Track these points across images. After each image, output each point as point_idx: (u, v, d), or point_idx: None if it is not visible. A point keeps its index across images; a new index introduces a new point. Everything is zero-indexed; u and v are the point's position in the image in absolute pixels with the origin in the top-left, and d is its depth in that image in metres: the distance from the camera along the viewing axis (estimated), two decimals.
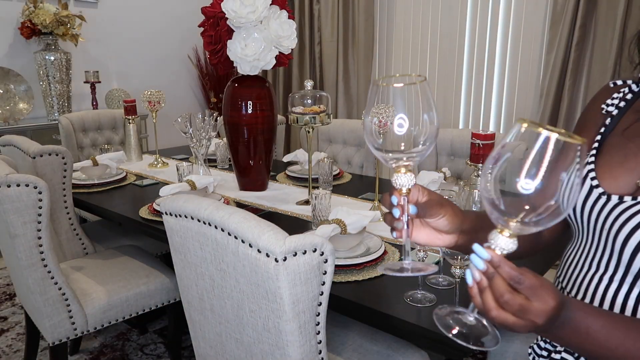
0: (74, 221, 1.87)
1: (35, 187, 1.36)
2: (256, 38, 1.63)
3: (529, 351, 0.87)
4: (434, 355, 1.20)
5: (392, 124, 0.59)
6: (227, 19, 1.63)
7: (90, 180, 1.98)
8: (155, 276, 1.70)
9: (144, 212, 1.59)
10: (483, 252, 0.55)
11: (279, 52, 1.70)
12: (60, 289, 1.46)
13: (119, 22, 3.79)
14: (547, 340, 0.84)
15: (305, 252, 0.84)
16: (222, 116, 1.87)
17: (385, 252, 1.24)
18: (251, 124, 1.78)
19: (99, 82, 3.50)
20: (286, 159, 2.16)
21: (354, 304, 1.04)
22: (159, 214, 1.54)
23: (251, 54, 1.64)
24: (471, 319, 0.59)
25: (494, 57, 3.23)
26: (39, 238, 1.41)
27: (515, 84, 3.17)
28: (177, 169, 1.74)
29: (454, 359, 1.07)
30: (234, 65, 1.72)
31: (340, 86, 3.93)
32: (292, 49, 1.73)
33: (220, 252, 0.92)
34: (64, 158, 1.77)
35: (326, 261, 0.87)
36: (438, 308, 0.63)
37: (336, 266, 1.03)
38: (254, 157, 1.82)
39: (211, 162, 2.32)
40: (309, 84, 1.61)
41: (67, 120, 2.61)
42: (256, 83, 1.78)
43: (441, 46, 3.46)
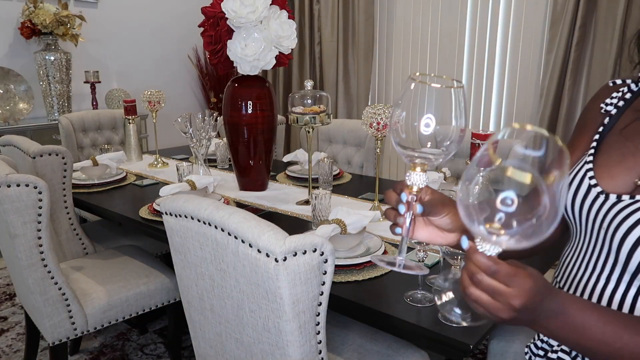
0: (74, 221, 1.87)
1: (35, 187, 1.36)
2: (256, 38, 1.63)
3: (526, 350, 0.87)
4: (434, 355, 1.20)
5: (418, 123, 0.60)
6: (227, 19, 1.63)
7: (90, 180, 1.98)
8: (155, 276, 1.70)
9: (144, 212, 1.59)
10: (464, 242, 0.57)
11: (279, 52, 1.70)
12: (60, 289, 1.46)
13: (119, 22, 3.79)
14: (543, 339, 0.84)
15: (305, 252, 0.84)
16: (222, 116, 1.87)
17: (385, 252, 1.24)
18: (251, 124, 1.78)
19: (99, 82, 3.50)
20: (286, 159, 2.16)
21: (354, 304, 1.04)
22: (159, 214, 1.54)
23: (251, 54, 1.64)
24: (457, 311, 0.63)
25: (494, 57, 3.23)
26: (39, 238, 1.41)
27: (515, 84, 3.17)
28: (177, 169, 1.74)
29: (454, 359, 1.07)
30: (234, 65, 1.72)
31: (340, 86, 3.93)
32: (292, 49, 1.73)
33: (220, 252, 0.92)
34: (64, 158, 1.77)
35: (326, 261, 0.87)
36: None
37: (336, 266, 1.03)
38: (254, 157, 1.82)
39: (211, 162, 2.33)
40: (309, 84, 1.61)
41: (67, 120, 2.61)
42: (256, 83, 1.78)
43: (441, 46, 3.46)
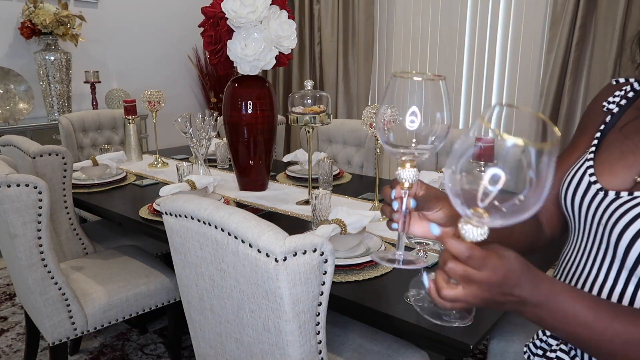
0: (74, 221, 1.87)
1: (35, 187, 1.36)
2: (256, 38, 1.63)
3: (524, 350, 0.87)
4: (434, 355, 1.20)
5: (403, 118, 0.60)
6: (227, 19, 1.63)
7: (90, 180, 1.98)
8: (155, 276, 1.70)
9: (144, 212, 1.59)
10: (434, 229, 0.58)
11: (279, 52, 1.70)
12: (60, 289, 1.46)
13: (119, 22, 3.79)
14: (542, 339, 0.84)
15: (305, 252, 0.84)
16: (222, 116, 1.87)
17: (386, 249, 1.24)
18: (251, 124, 1.78)
19: (99, 82, 3.50)
20: (286, 159, 2.16)
21: (354, 304, 1.04)
22: (159, 214, 1.54)
23: (251, 54, 1.64)
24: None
25: (494, 57, 3.23)
26: (39, 238, 1.41)
27: (515, 84, 3.17)
28: (177, 169, 1.74)
29: (454, 359, 1.07)
30: (234, 65, 1.72)
31: (340, 86, 3.93)
32: (292, 49, 1.73)
33: (220, 252, 0.92)
34: (64, 158, 1.77)
35: (326, 261, 0.87)
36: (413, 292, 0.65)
37: (336, 266, 1.03)
38: (254, 157, 1.82)
39: (211, 162, 2.32)
40: (309, 84, 1.61)
41: (67, 120, 2.61)
42: (256, 83, 1.78)
43: (441, 46, 3.46)
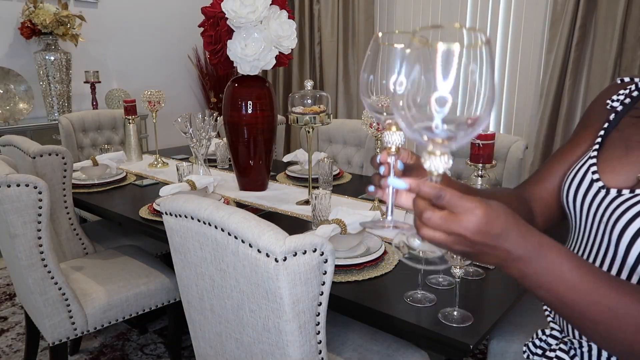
0: (74, 221, 1.87)
1: (35, 187, 1.36)
2: (256, 38, 1.63)
3: (524, 349, 0.87)
4: (434, 355, 1.20)
5: (387, 80, 0.60)
6: (227, 19, 1.63)
7: (90, 180, 1.98)
8: (155, 276, 1.70)
9: (144, 212, 1.59)
10: (400, 183, 0.56)
11: (279, 52, 1.70)
12: (60, 289, 1.46)
13: (119, 22, 3.79)
14: (542, 338, 0.84)
15: (305, 252, 0.84)
16: (222, 116, 1.87)
17: (385, 252, 1.24)
18: (251, 124, 1.78)
19: (99, 82, 3.50)
20: (286, 159, 2.16)
21: (354, 304, 1.04)
22: (159, 214, 1.54)
23: (251, 54, 1.64)
24: (417, 243, 0.60)
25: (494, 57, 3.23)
26: (39, 238, 1.41)
27: (515, 84, 3.17)
28: (177, 169, 1.74)
29: (454, 359, 1.07)
30: (234, 65, 1.72)
31: (340, 86, 3.93)
32: (292, 49, 1.73)
33: (220, 252, 0.92)
34: (64, 158, 1.77)
35: (326, 261, 0.87)
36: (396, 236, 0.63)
37: (336, 266, 1.03)
38: (254, 157, 1.82)
39: (211, 162, 2.32)
40: (309, 84, 1.61)
41: (67, 120, 2.61)
42: (256, 83, 1.78)
43: None
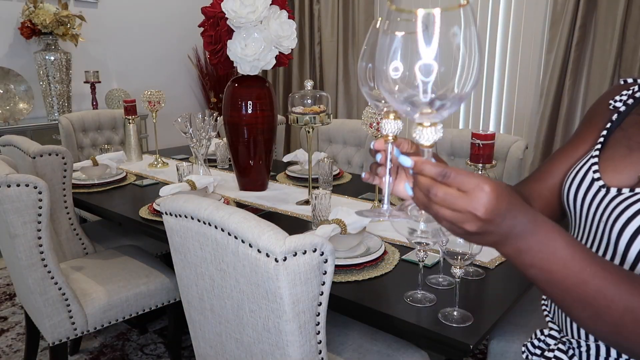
0: (74, 221, 1.87)
1: (35, 187, 1.36)
2: (256, 38, 1.63)
3: (523, 349, 0.87)
4: (434, 355, 1.20)
5: (387, 68, 0.60)
6: (227, 19, 1.63)
7: (90, 180, 1.99)
8: (155, 276, 1.70)
9: (144, 212, 1.59)
10: (406, 160, 0.55)
11: (279, 52, 1.70)
12: (60, 289, 1.46)
13: (119, 22, 3.79)
14: (540, 338, 0.84)
15: (305, 252, 0.84)
16: (222, 116, 1.87)
17: (385, 252, 1.24)
18: (251, 124, 1.78)
19: (99, 82, 3.50)
20: (286, 159, 2.16)
21: (354, 304, 1.04)
22: (159, 214, 1.55)
23: (251, 54, 1.64)
24: (422, 226, 0.60)
25: (494, 57, 3.23)
26: (39, 238, 1.41)
27: (515, 83, 3.17)
28: (177, 169, 1.74)
29: (454, 359, 1.07)
30: (234, 65, 1.72)
31: (340, 86, 3.94)
32: (292, 49, 1.73)
33: (220, 252, 0.92)
34: (64, 158, 1.77)
35: (326, 261, 0.87)
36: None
37: (336, 266, 1.03)
38: (254, 157, 1.82)
39: (211, 162, 2.33)
40: (309, 84, 1.61)
41: (67, 120, 2.61)
42: (256, 83, 1.78)
43: None
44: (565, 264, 0.56)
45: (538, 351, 0.83)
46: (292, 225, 1.51)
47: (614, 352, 0.71)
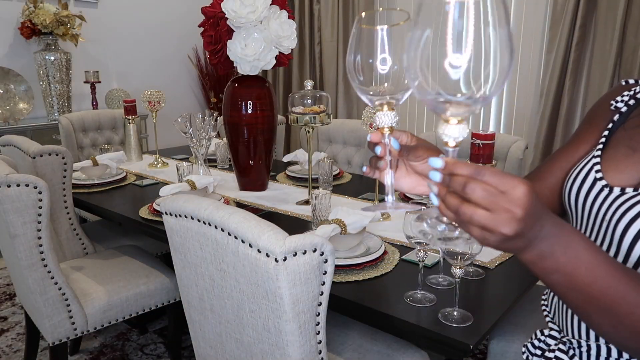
0: (74, 221, 1.87)
1: (35, 187, 1.36)
2: (256, 38, 1.63)
3: (523, 350, 0.87)
4: (434, 355, 1.20)
5: (374, 61, 0.57)
6: (227, 19, 1.63)
7: (90, 180, 1.99)
8: (155, 276, 1.70)
9: (144, 212, 1.59)
10: (436, 162, 0.51)
11: (279, 52, 1.70)
12: (60, 289, 1.46)
13: (119, 22, 3.79)
14: (540, 338, 0.84)
15: (305, 252, 0.84)
16: (222, 116, 1.87)
17: (385, 252, 1.24)
18: (251, 124, 1.78)
19: (99, 82, 3.50)
20: (286, 159, 2.16)
21: (354, 304, 1.04)
22: (159, 214, 1.54)
23: (251, 54, 1.64)
24: (442, 228, 0.56)
25: None
26: (39, 238, 1.41)
27: (515, 84, 3.17)
28: (177, 169, 1.74)
29: (454, 359, 1.07)
30: (234, 65, 1.72)
31: (340, 86, 3.93)
32: (292, 49, 1.73)
33: (220, 252, 0.92)
34: (64, 158, 1.77)
35: (326, 261, 0.87)
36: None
37: (336, 266, 1.03)
38: (254, 157, 1.82)
39: (211, 162, 2.33)
40: (309, 84, 1.61)
41: (67, 120, 2.61)
42: (256, 83, 1.78)
43: None
44: (589, 269, 0.54)
45: (538, 352, 0.83)
46: (292, 225, 1.51)
47: (614, 352, 0.71)
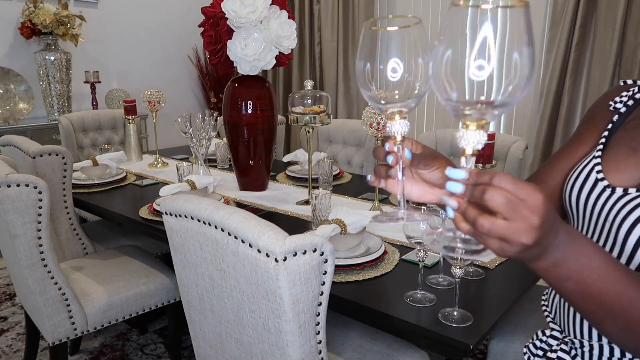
0: (74, 221, 1.87)
1: (35, 187, 1.36)
2: (256, 38, 1.63)
3: (524, 350, 0.87)
4: (434, 355, 1.20)
5: (384, 68, 0.56)
6: (227, 19, 1.63)
7: (90, 180, 1.99)
8: (155, 276, 1.70)
9: (144, 212, 1.59)
10: (459, 173, 0.50)
11: (279, 52, 1.70)
12: (60, 289, 1.46)
13: (119, 22, 3.79)
14: (542, 339, 0.84)
15: (305, 252, 0.84)
16: (222, 116, 1.87)
17: (385, 252, 1.24)
18: (251, 124, 1.78)
19: (99, 82, 3.50)
20: (286, 159, 2.16)
21: (354, 304, 1.04)
22: (159, 214, 1.54)
23: (251, 54, 1.64)
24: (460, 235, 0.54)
25: None
26: (39, 238, 1.41)
27: None
28: (177, 169, 1.74)
29: (454, 359, 1.07)
30: (234, 65, 1.72)
31: (340, 86, 3.94)
32: (292, 49, 1.73)
33: (220, 252, 0.92)
34: (64, 158, 1.77)
35: (326, 261, 0.87)
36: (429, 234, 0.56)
37: (336, 266, 1.03)
38: (254, 157, 1.82)
39: (211, 162, 2.33)
40: (309, 84, 1.61)
41: (67, 120, 2.61)
42: (256, 83, 1.78)
43: None
44: (600, 275, 0.54)
45: (540, 352, 0.83)
46: (292, 225, 1.51)
47: (617, 352, 0.71)
